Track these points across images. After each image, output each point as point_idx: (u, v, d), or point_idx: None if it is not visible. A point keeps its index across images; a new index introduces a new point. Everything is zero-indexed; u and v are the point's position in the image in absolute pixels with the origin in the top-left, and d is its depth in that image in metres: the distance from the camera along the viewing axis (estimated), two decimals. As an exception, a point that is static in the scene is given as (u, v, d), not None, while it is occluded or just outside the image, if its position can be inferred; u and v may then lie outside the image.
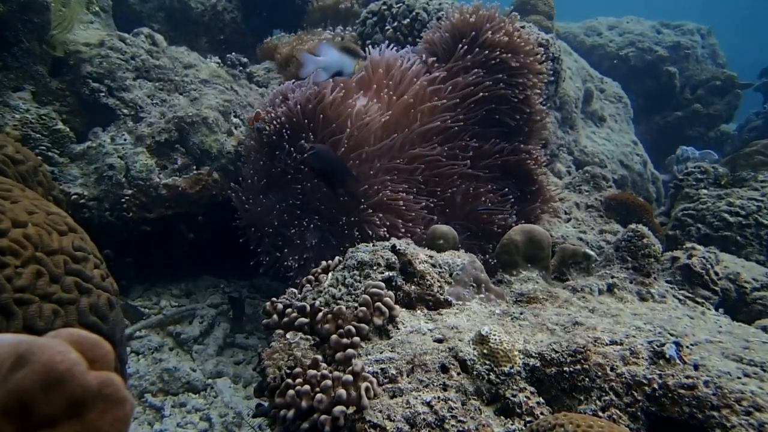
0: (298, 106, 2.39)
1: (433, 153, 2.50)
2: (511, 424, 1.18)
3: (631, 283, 1.95)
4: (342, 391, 1.15)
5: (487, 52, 2.58)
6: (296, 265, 2.39)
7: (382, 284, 1.49)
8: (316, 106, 2.38)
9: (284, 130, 2.42)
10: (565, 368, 1.26)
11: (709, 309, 1.95)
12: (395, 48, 2.81)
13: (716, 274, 2.32)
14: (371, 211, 2.32)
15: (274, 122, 2.43)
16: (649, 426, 1.18)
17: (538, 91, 2.73)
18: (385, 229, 2.31)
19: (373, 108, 2.44)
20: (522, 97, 2.67)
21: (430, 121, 2.51)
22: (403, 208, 2.38)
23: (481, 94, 2.59)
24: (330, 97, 2.36)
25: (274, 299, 1.52)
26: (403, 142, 2.46)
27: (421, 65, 2.65)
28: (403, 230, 2.33)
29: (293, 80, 2.73)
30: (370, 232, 2.28)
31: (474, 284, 1.68)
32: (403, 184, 2.43)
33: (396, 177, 2.43)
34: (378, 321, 1.43)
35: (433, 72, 2.62)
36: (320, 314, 1.42)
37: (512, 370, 1.27)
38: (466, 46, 2.61)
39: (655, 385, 1.19)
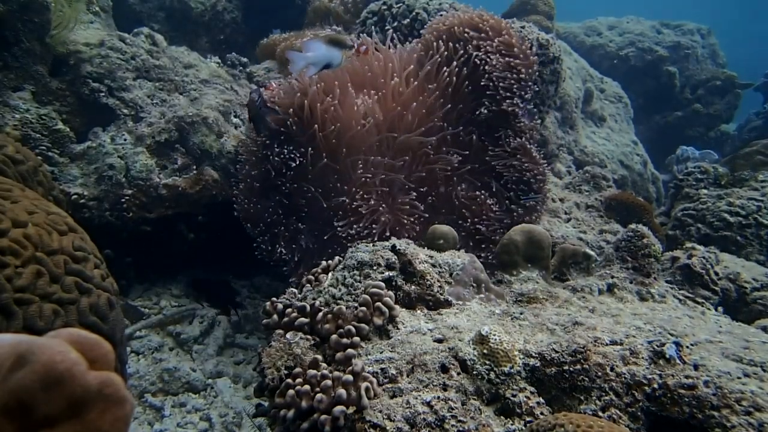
0: (291, 110, 2.41)
1: (427, 140, 2.50)
2: (511, 424, 1.18)
3: (631, 283, 1.95)
4: (342, 391, 1.15)
5: (468, 48, 2.62)
6: (290, 256, 2.41)
7: (382, 284, 1.49)
8: (300, 108, 2.40)
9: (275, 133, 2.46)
10: (565, 368, 1.26)
11: (709, 309, 1.96)
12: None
13: (716, 274, 2.32)
14: (362, 207, 2.32)
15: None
16: (649, 426, 1.18)
17: (515, 88, 2.72)
18: (378, 226, 2.31)
19: (362, 102, 2.45)
20: (491, 91, 2.67)
21: (421, 113, 2.51)
22: (408, 211, 2.39)
23: (464, 87, 2.60)
24: (314, 95, 2.38)
25: (274, 299, 1.52)
26: (393, 136, 2.47)
27: (409, 55, 2.65)
28: (393, 229, 2.34)
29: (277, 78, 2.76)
30: (357, 228, 2.28)
31: (474, 284, 1.68)
32: (392, 178, 2.43)
33: (384, 169, 2.43)
34: (378, 321, 1.43)
35: (425, 66, 2.63)
36: (320, 314, 1.42)
37: (512, 370, 1.27)
38: (445, 44, 2.63)
39: (655, 385, 1.19)
